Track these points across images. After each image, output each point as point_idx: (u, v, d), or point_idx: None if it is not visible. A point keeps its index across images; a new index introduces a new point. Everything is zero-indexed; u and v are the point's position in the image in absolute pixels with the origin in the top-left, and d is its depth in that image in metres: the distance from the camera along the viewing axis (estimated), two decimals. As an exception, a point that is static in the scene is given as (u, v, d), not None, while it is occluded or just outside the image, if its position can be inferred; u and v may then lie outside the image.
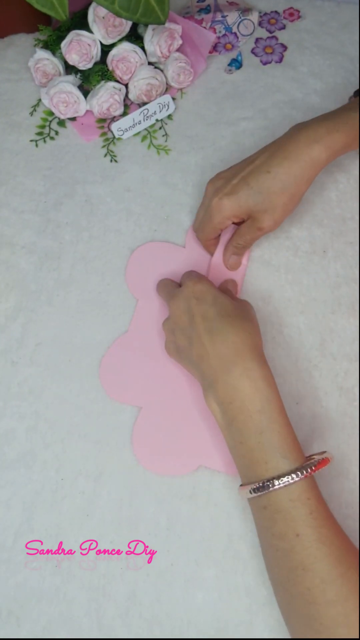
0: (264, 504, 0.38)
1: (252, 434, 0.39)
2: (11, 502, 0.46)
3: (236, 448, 0.40)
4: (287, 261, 0.54)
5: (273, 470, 0.38)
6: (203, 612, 0.42)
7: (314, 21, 0.69)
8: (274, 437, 0.38)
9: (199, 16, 0.69)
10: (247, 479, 0.39)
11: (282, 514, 0.37)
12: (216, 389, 0.41)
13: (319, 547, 0.35)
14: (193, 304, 0.44)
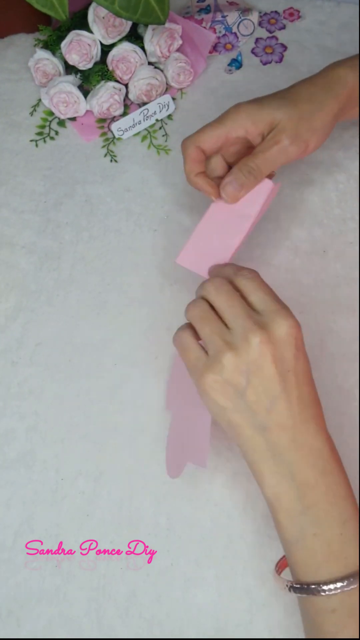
0: (334, 607, 0.32)
1: (335, 523, 0.33)
2: (11, 502, 0.46)
3: (305, 541, 0.33)
4: (287, 261, 0.54)
5: (352, 567, 0.32)
6: (203, 612, 0.42)
7: (313, 21, 0.69)
8: (356, 527, 0.33)
9: (199, 16, 0.69)
10: (311, 576, 0.33)
11: (357, 617, 0.32)
12: (299, 469, 0.34)
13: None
14: (291, 356, 0.34)
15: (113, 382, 0.50)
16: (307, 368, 0.36)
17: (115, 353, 0.51)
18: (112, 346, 0.51)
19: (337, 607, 0.32)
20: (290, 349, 0.34)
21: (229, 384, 0.35)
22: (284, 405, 0.34)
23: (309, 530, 0.33)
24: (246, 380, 0.34)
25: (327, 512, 0.33)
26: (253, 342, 0.34)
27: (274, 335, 0.34)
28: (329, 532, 0.33)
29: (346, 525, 0.33)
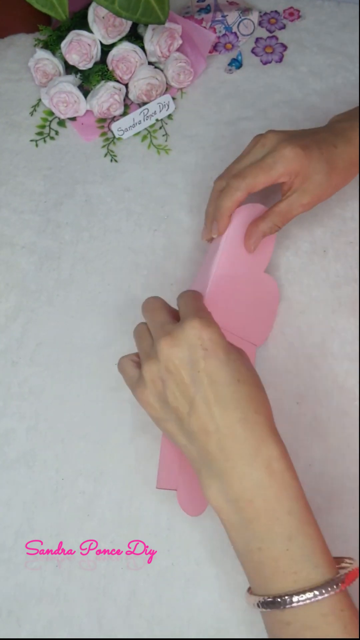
0: (288, 620, 0.31)
1: (279, 540, 0.32)
2: (11, 502, 0.46)
3: (251, 554, 0.33)
4: (287, 261, 0.54)
5: (303, 582, 0.31)
6: (203, 612, 0.42)
7: (314, 21, 0.69)
8: (306, 542, 0.32)
9: (199, 16, 0.69)
10: (263, 590, 0.33)
11: (313, 630, 0.31)
12: (230, 482, 0.33)
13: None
14: (199, 356, 0.33)
15: (113, 382, 0.50)
16: (224, 369, 0.34)
17: (115, 353, 0.51)
18: (112, 346, 0.51)
19: (291, 620, 0.31)
20: (196, 349, 0.34)
21: (153, 394, 0.36)
22: (202, 408, 0.33)
23: (254, 545, 0.33)
24: (163, 387, 0.35)
25: (269, 528, 0.32)
26: (159, 349, 0.35)
27: (177, 338, 0.34)
28: (273, 548, 0.32)
29: (293, 541, 0.32)
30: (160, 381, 0.35)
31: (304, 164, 0.43)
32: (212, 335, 0.34)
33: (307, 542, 0.32)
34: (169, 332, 0.35)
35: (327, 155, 0.45)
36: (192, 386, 0.34)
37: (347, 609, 0.31)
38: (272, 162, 0.44)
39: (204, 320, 0.35)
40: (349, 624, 0.31)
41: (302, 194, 0.45)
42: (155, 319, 0.38)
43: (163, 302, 0.40)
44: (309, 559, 0.32)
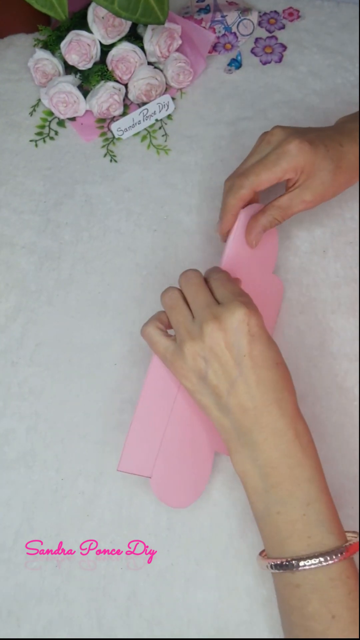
0: (298, 582, 0.34)
1: (298, 504, 0.35)
2: (11, 502, 0.46)
3: (271, 517, 0.36)
4: (287, 261, 0.54)
5: (315, 547, 0.34)
6: (203, 612, 0.42)
7: (313, 21, 0.69)
8: (322, 508, 0.35)
9: (198, 16, 0.69)
10: (277, 552, 0.35)
11: (319, 593, 0.33)
12: (261, 450, 0.36)
13: (355, 630, 0.33)
14: (246, 341, 0.36)
15: (113, 382, 0.50)
16: (267, 353, 0.37)
17: (115, 353, 0.51)
18: (112, 346, 0.51)
19: (300, 582, 0.34)
20: (243, 335, 0.36)
21: (192, 370, 0.38)
22: (242, 389, 0.36)
23: (273, 508, 0.35)
24: (206, 366, 0.37)
25: (290, 493, 0.35)
26: (206, 331, 0.37)
27: (225, 323, 0.36)
28: (292, 512, 0.35)
29: (310, 507, 0.35)
30: (203, 360, 0.37)
31: (308, 159, 0.43)
32: (258, 321, 0.37)
33: (322, 509, 0.35)
34: (216, 316, 0.37)
35: (333, 153, 0.44)
36: (236, 368, 0.36)
37: (352, 577, 0.34)
38: (275, 159, 0.43)
39: (250, 307, 0.37)
40: (353, 591, 0.33)
41: (305, 189, 0.45)
42: (198, 297, 0.39)
43: (203, 278, 0.41)
44: (323, 525, 0.34)
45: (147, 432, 0.43)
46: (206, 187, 0.59)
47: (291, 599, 0.35)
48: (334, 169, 0.44)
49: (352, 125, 0.47)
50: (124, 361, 0.50)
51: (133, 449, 0.42)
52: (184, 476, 0.43)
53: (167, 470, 0.42)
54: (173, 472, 0.43)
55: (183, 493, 0.43)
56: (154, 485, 0.42)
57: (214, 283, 0.40)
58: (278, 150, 0.44)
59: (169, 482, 0.43)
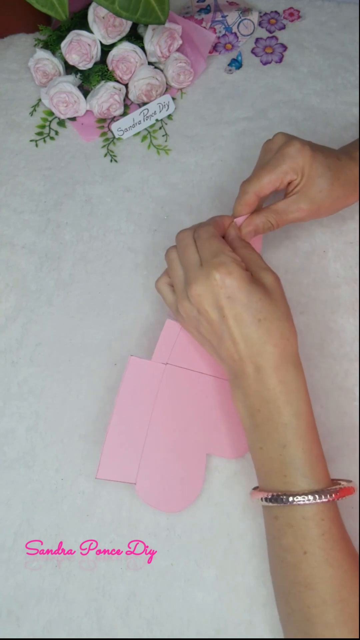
0: (276, 514, 0.37)
1: (275, 445, 0.38)
2: (11, 502, 0.46)
3: (256, 452, 0.39)
4: (287, 261, 0.54)
5: (290, 486, 0.37)
6: (203, 612, 0.42)
7: (314, 21, 0.69)
8: (297, 452, 0.37)
9: (199, 16, 0.69)
10: (263, 484, 0.39)
11: (293, 529, 0.36)
12: (247, 394, 0.39)
13: (325, 569, 0.35)
14: (224, 303, 0.39)
15: (113, 382, 0.50)
16: (246, 312, 0.38)
17: (115, 353, 0.51)
18: (112, 346, 0.51)
19: (278, 514, 0.37)
20: (220, 297, 0.39)
21: (190, 324, 0.43)
22: (228, 343, 0.39)
23: (258, 444, 0.39)
24: (197, 322, 0.41)
25: (269, 434, 0.38)
26: (190, 294, 0.40)
27: (203, 287, 0.39)
28: (271, 450, 0.38)
29: (285, 449, 0.37)
30: (195, 318, 0.41)
31: (307, 161, 0.44)
32: (234, 282, 0.39)
33: (298, 454, 0.37)
34: (195, 279, 0.40)
35: (331, 162, 0.45)
36: (220, 326, 0.39)
37: (327, 520, 0.36)
38: (275, 161, 0.44)
39: (224, 268, 0.39)
40: (327, 533, 0.35)
41: (302, 196, 0.45)
42: (184, 258, 0.42)
43: (192, 236, 0.43)
44: (298, 468, 0.37)
45: (126, 438, 0.43)
46: (206, 187, 0.59)
47: (271, 529, 0.38)
48: (331, 178, 0.45)
49: (349, 147, 0.49)
50: (124, 361, 0.50)
51: (112, 456, 0.43)
52: (172, 480, 0.43)
53: (152, 475, 0.43)
54: (159, 477, 0.43)
55: (174, 497, 0.43)
56: (139, 491, 0.43)
57: (198, 242, 0.42)
58: (279, 152, 0.45)
59: (155, 487, 0.43)
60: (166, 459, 0.44)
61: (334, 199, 0.46)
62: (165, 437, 0.44)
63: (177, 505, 0.43)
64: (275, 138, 0.47)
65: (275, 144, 0.46)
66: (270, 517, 0.38)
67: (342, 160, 0.46)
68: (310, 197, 0.45)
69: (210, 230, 0.42)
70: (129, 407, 0.44)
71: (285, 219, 0.46)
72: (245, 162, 0.60)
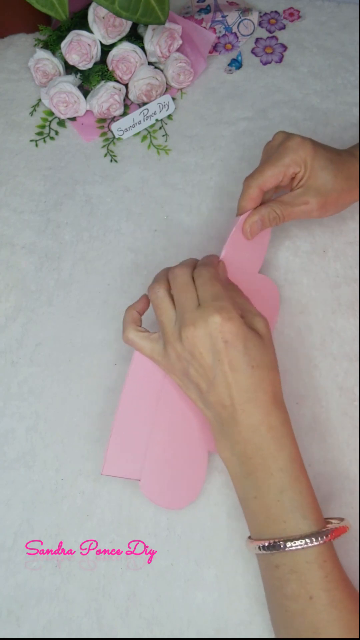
0: (277, 563, 0.36)
1: (272, 491, 0.37)
2: (11, 502, 0.46)
3: (249, 501, 0.38)
4: (287, 261, 0.54)
5: (292, 530, 0.36)
6: (203, 612, 0.42)
7: (314, 21, 0.69)
8: (295, 496, 0.36)
9: (199, 16, 0.69)
10: (259, 534, 0.38)
11: (297, 575, 0.35)
12: (236, 441, 0.38)
13: (331, 612, 0.34)
14: (221, 347, 0.38)
15: (113, 382, 0.50)
16: (241, 358, 0.38)
17: (115, 353, 0.51)
18: (112, 346, 0.51)
19: (279, 563, 0.36)
20: (217, 341, 0.38)
21: (177, 368, 0.41)
22: (219, 389, 0.38)
23: (250, 493, 0.38)
24: (187, 365, 0.40)
25: (264, 481, 0.37)
26: (184, 336, 0.39)
27: (200, 330, 0.38)
28: (266, 497, 0.37)
29: (284, 494, 0.36)
30: (185, 360, 0.40)
31: (309, 153, 0.44)
32: (232, 328, 0.38)
33: (296, 497, 0.37)
34: (193, 321, 0.39)
35: (332, 156, 0.46)
36: (213, 370, 0.38)
37: (329, 560, 0.35)
38: (278, 155, 0.45)
39: (224, 313, 0.38)
40: (330, 574, 0.35)
41: (308, 189, 0.45)
42: (181, 298, 0.40)
43: (190, 275, 0.41)
44: (298, 511, 0.36)
45: (131, 434, 0.43)
46: (206, 187, 0.59)
47: (272, 579, 0.37)
48: (334, 170, 0.45)
49: (351, 148, 0.49)
50: (124, 361, 0.50)
51: (117, 452, 0.43)
52: (175, 477, 0.43)
53: (156, 472, 0.43)
54: (163, 473, 0.43)
55: (176, 494, 0.43)
56: (143, 488, 0.42)
57: (198, 281, 0.41)
58: (280, 147, 0.45)
59: (159, 483, 0.43)
60: (169, 455, 0.43)
61: (339, 192, 0.46)
62: (169, 433, 0.44)
63: (180, 502, 0.43)
64: (275, 136, 0.47)
65: (276, 141, 0.47)
66: (270, 567, 0.37)
67: (342, 156, 0.47)
68: (315, 189, 0.45)
69: (212, 272, 0.41)
70: (134, 403, 0.44)
71: (292, 212, 0.46)
72: (245, 162, 0.60)
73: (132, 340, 0.43)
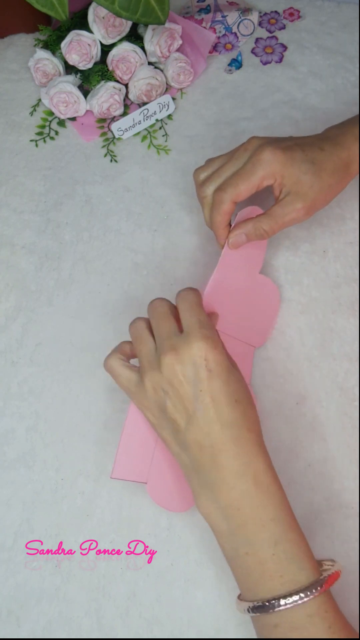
0: (275, 622, 0.33)
1: (265, 544, 0.34)
2: (11, 502, 0.46)
3: (240, 559, 0.35)
4: (287, 261, 0.54)
5: (290, 585, 0.33)
6: (203, 612, 0.42)
7: (314, 21, 0.69)
8: (291, 546, 0.34)
9: (199, 16, 0.69)
10: (254, 593, 0.34)
11: (299, 631, 0.32)
12: (219, 492, 0.35)
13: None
14: (203, 376, 0.35)
15: (113, 382, 0.50)
16: (225, 390, 0.35)
17: (115, 353, 0.51)
18: (112, 346, 0.51)
19: (278, 622, 0.33)
20: (200, 370, 0.35)
21: (153, 401, 0.37)
22: (199, 424, 0.35)
23: (241, 550, 0.34)
24: (164, 398, 0.36)
25: (255, 534, 0.34)
26: (164, 363, 0.36)
27: (183, 356, 0.36)
28: (260, 552, 0.34)
29: (278, 547, 0.34)
30: (162, 391, 0.37)
31: (284, 164, 0.43)
32: (217, 357, 0.36)
33: (291, 547, 0.34)
34: (175, 347, 0.36)
35: (312, 156, 0.44)
36: (193, 403, 0.35)
37: (330, 610, 0.33)
38: (250, 168, 0.44)
39: (209, 342, 0.36)
40: (333, 624, 0.33)
41: (295, 197, 0.44)
42: (161, 326, 0.38)
43: (170, 307, 0.40)
44: (294, 562, 0.33)
45: (140, 437, 0.43)
46: (206, 187, 0.59)
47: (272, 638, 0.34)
48: (316, 171, 0.44)
49: (334, 131, 0.47)
50: (124, 361, 0.50)
51: (126, 456, 0.42)
52: (181, 480, 0.43)
53: (162, 474, 0.42)
54: (169, 476, 0.43)
55: (181, 496, 0.43)
56: (150, 491, 0.42)
57: (181, 306, 0.39)
58: (253, 158, 0.44)
59: (165, 486, 0.42)
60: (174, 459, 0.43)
61: (326, 190, 0.45)
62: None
63: (185, 504, 0.43)
64: (250, 140, 0.46)
65: (247, 150, 0.45)
66: (268, 628, 0.34)
67: (325, 150, 0.45)
68: (302, 195, 0.44)
69: (198, 298, 0.39)
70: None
71: (283, 222, 0.45)
72: (245, 162, 0.60)
73: (110, 366, 0.41)
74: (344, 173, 0.46)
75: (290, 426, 0.47)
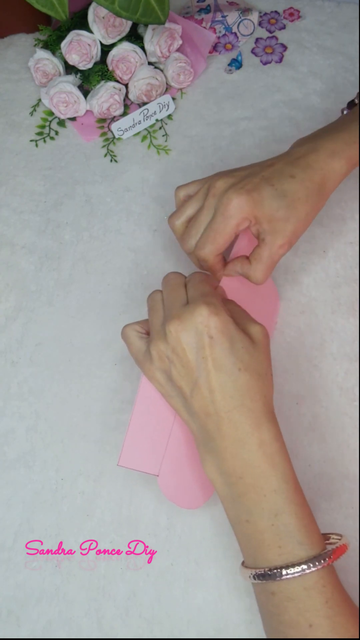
0: (273, 590, 0.34)
1: (265, 515, 0.34)
2: (11, 502, 0.46)
3: (241, 525, 0.35)
4: (287, 261, 0.54)
5: (287, 556, 0.33)
6: (203, 612, 0.42)
7: (314, 21, 0.69)
8: (291, 519, 0.34)
9: (199, 16, 0.69)
10: (253, 561, 0.35)
11: (295, 602, 0.33)
12: (223, 458, 0.35)
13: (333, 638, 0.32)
14: (205, 343, 0.35)
15: (113, 382, 0.50)
16: (227, 358, 0.35)
17: (115, 353, 0.51)
18: (112, 346, 0.51)
19: (275, 590, 0.34)
20: (202, 336, 0.36)
21: (158, 370, 0.39)
22: (203, 391, 0.36)
23: (242, 517, 0.35)
24: (170, 366, 0.37)
25: (256, 503, 0.35)
26: (168, 330, 0.37)
27: (185, 323, 0.36)
28: (259, 521, 0.34)
29: (278, 518, 0.34)
30: (167, 360, 0.37)
31: (254, 207, 0.41)
32: (218, 324, 0.36)
33: (292, 520, 0.34)
34: (178, 315, 0.37)
35: (282, 189, 0.41)
36: (196, 370, 0.36)
37: (329, 584, 0.33)
38: (222, 221, 0.41)
39: (212, 307, 0.36)
40: (331, 599, 0.33)
41: (274, 235, 0.42)
42: (170, 296, 0.39)
43: (183, 280, 0.41)
44: (293, 536, 0.34)
45: (150, 427, 0.41)
46: (206, 187, 0.59)
47: (268, 606, 0.35)
48: (290, 203, 0.41)
49: (302, 150, 0.44)
50: (124, 361, 0.50)
51: (135, 444, 0.41)
52: (194, 476, 0.41)
53: (176, 468, 0.41)
54: (182, 471, 0.42)
55: (195, 493, 0.42)
56: (162, 484, 0.41)
57: (189, 283, 0.40)
58: (221, 209, 0.41)
59: (179, 481, 0.42)
60: (190, 452, 0.42)
61: (304, 218, 0.42)
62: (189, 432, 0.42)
63: (196, 501, 0.42)
64: (216, 183, 0.43)
65: (217, 190, 0.42)
66: (265, 594, 0.34)
67: (296, 177, 0.42)
68: (281, 232, 0.42)
69: (204, 276, 0.40)
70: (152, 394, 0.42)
71: (273, 262, 0.43)
72: (245, 162, 0.59)
73: (125, 334, 0.42)
74: (318, 196, 0.43)
75: (289, 426, 0.47)
